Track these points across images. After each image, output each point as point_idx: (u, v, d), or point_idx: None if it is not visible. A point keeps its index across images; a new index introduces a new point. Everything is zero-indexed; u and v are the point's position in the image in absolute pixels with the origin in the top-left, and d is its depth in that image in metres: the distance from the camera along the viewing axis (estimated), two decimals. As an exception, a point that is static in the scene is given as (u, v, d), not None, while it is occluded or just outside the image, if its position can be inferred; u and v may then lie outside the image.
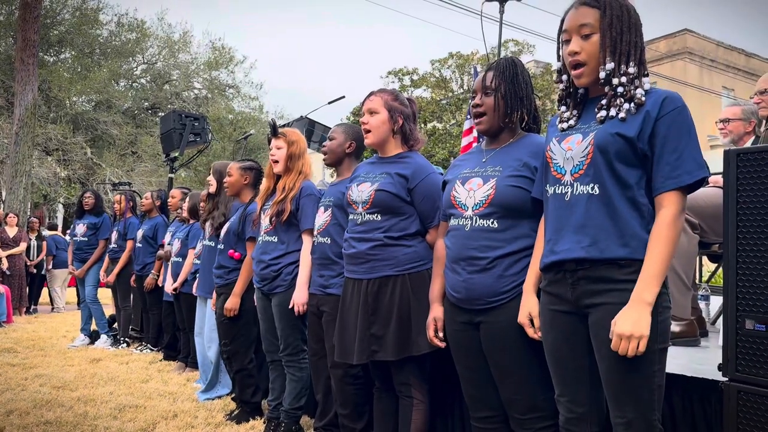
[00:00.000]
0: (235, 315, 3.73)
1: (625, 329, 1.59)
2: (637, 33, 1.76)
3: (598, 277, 1.71)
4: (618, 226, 1.69)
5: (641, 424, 1.65)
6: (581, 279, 1.75)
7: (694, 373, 2.14)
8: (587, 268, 1.73)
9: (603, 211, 1.70)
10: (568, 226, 1.77)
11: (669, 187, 1.65)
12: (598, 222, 1.70)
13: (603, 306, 1.70)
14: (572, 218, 1.76)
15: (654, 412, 1.67)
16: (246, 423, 3.68)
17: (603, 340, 1.70)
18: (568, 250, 1.75)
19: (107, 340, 6.59)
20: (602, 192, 1.71)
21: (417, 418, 2.59)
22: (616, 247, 1.68)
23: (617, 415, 1.69)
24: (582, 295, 1.75)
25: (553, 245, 1.81)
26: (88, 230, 6.75)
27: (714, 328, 3.54)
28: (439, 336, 2.36)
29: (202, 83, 23.80)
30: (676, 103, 1.69)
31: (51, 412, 3.77)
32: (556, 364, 1.86)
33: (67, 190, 19.46)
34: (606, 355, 1.70)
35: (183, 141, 7.59)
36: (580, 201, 1.74)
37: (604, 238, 1.69)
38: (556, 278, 1.82)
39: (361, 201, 2.65)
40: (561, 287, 1.81)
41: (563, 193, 1.80)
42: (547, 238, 1.87)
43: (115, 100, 20.91)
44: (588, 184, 1.73)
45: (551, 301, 1.85)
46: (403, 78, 23.81)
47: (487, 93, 2.21)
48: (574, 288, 1.77)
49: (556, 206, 1.82)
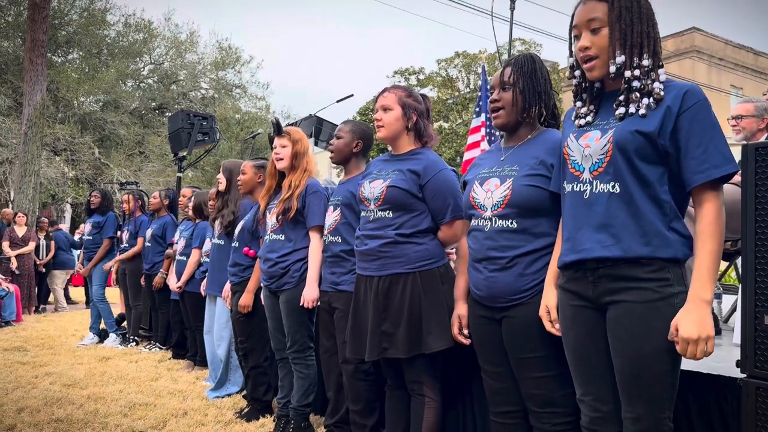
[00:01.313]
0: (250, 312, 3.73)
1: (692, 333, 1.56)
2: (649, 23, 1.73)
3: (620, 275, 1.69)
4: (640, 224, 1.66)
5: (650, 420, 1.65)
6: (602, 277, 1.73)
7: (709, 371, 2.12)
8: (609, 266, 1.71)
9: (624, 210, 1.68)
10: (588, 225, 1.75)
11: (698, 181, 1.62)
12: (620, 221, 1.68)
13: (622, 303, 1.68)
14: (592, 217, 1.74)
15: (664, 410, 1.66)
16: (256, 421, 3.68)
17: (619, 337, 1.69)
18: (590, 249, 1.73)
19: (116, 339, 6.61)
20: (623, 190, 1.69)
21: (429, 416, 2.58)
22: (638, 246, 1.66)
23: (627, 410, 1.69)
24: (603, 293, 1.73)
25: (573, 244, 1.78)
26: (93, 229, 6.78)
27: (727, 326, 3.51)
28: (464, 333, 2.37)
29: (209, 83, 23.86)
30: (698, 96, 1.66)
31: (61, 410, 3.78)
32: (578, 361, 1.83)
33: (75, 190, 19.54)
34: (620, 353, 1.69)
35: (191, 140, 7.61)
36: (601, 199, 1.72)
37: (626, 237, 1.67)
38: (576, 276, 1.80)
39: (373, 198, 2.65)
40: (581, 285, 1.79)
41: (582, 191, 1.77)
42: (565, 236, 1.85)
43: (123, 101, 20.98)
44: (608, 183, 1.71)
45: (571, 298, 1.83)
46: (410, 77, 23.80)
47: (505, 88, 2.20)
48: (595, 286, 1.75)
49: (575, 204, 1.80)
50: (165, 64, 23.04)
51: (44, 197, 18.00)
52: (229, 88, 24.14)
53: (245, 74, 24.11)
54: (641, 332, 1.65)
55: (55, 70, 18.54)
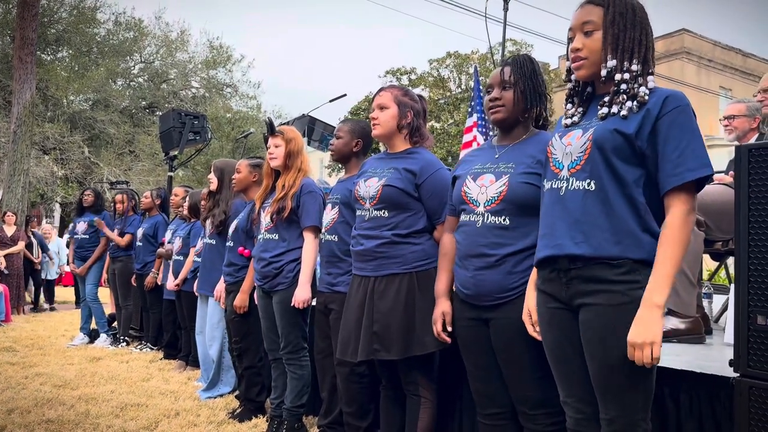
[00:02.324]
0: (245, 312, 3.72)
1: (635, 338, 1.57)
2: (642, 30, 1.75)
3: (591, 277, 1.69)
4: (612, 223, 1.67)
5: (624, 422, 1.66)
6: (574, 278, 1.73)
7: (701, 370, 2.14)
8: (580, 267, 1.71)
9: (599, 208, 1.69)
10: (561, 221, 1.75)
11: (672, 184, 1.63)
12: (593, 218, 1.69)
13: (592, 306, 1.69)
14: (567, 213, 1.74)
15: (638, 412, 1.67)
16: (249, 421, 3.67)
17: (589, 340, 1.70)
18: (561, 246, 1.73)
19: (107, 339, 6.58)
20: (599, 188, 1.69)
21: (424, 416, 2.58)
22: (608, 244, 1.66)
23: (603, 411, 1.70)
24: (575, 295, 1.74)
25: (548, 240, 1.79)
26: (89, 228, 6.73)
27: (718, 326, 3.54)
28: (447, 330, 2.34)
29: (199, 82, 23.76)
30: (678, 101, 1.67)
31: (52, 411, 3.75)
32: (558, 364, 1.84)
33: (65, 189, 19.42)
34: (592, 355, 1.70)
35: (182, 139, 7.58)
36: (576, 196, 1.73)
37: (597, 235, 1.67)
38: (551, 277, 1.81)
39: (369, 196, 2.64)
40: (555, 286, 1.80)
41: (558, 187, 1.78)
42: (541, 233, 1.85)
43: (113, 99, 20.86)
44: (584, 180, 1.72)
45: (547, 300, 1.84)
46: (401, 77, 23.81)
47: (506, 87, 2.20)
48: (568, 287, 1.76)
49: (551, 200, 1.81)
50: (155, 62, 22.93)
51: (33, 196, 17.87)
52: (220, 87, 24.05)
53: (236, 73, 24.05)
54: (611, 335, 1.65)
55: (44, 69, 18.40)
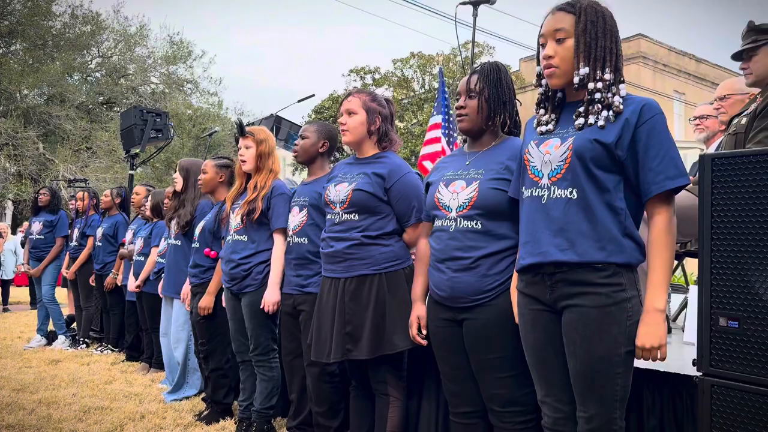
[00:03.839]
0: (211, 314, 3.68)
1: (645, 342, 1.68)
2: (612, 39, 1.81)
3: (576, 280, 1.76)
4: (596, 230, 1.73)
5: (601, 419, 1.73)
6: (559, 282, 1.79)
7: (665, 368, 2.22)
8: (565, 271, 1.77)
9: (581, 215, 1.75)
10: (545, 229, 1.80)
11: (654, 192, 1.71)
12: (576, 226, 1.75)
13: (577, 308, 1.75)
14: (550, 221, 1.79)
15: (615, 410, 1.74)
16: (216, 423, 3.64)
17: (572, 340, 1.76)
18: (546, 253, 1.79)
19: (65, 341, 6.42)
20: (580, 196, 1.75)
21: (393, 415, 2.62)
22: (593, 251, 1.73)
23: (581, 409, 1.76)
24: (559, 297, 1.80)
25: (532, 247, 1.84)
26: (44, 228, 6.56)
27: (676, 325, 3.66)
28: (422, 334, 2.39)
29: (159, 78, 23.33)
30: (654, 110, 1.75)
31: (12, 416, 3.66)
32: (539, 364, 1.89)
33: (18, 186, 18.83)
34: (575, 354, 1.76)
35: (144, 137, 7.43)
36: (558, 204, 1.78)
37: (581, 242, 1.74)
38: (534, 280, 1.86)
39: (339, 201, 2.66)
40: (539, 289, 1.85)
41: (540, 196, 1.83)
42: (523, 240, 1.90)
43: (69, 94, 20.28)
44: (566, 188, 1.77)
45: (530, 302, 1.89)
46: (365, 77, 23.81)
47: (471, 96, 2.25)
48: (553, 290, 1.81)
49: (533, 209, 1.85)
50: (113, 57, 22.40)
51: (-16, 194, 17.30)
52: (181, 84, 23.65)
53: (197, 69, 23.70)
54: (594, 336, 1.72)
55: (-4, 62, 17.83)
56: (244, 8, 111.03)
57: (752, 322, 1.62)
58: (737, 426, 1.63)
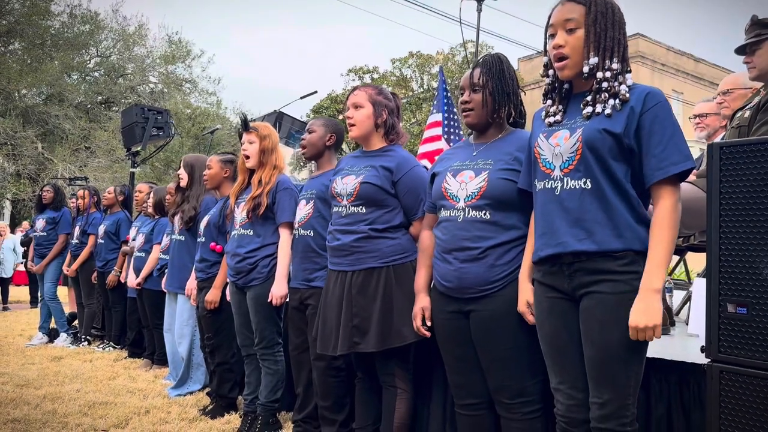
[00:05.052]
0: (217, 308, 3.69)
1: (639, 322, 1.68)
2: (620, 30, 1.83)
3: (595, 268, 1.77)
4: (612, 218, 1.75)
5: (615, 405, 1.74)
6: (578, 271, 1.81)
7: (671, 357, 2.24)
8: (584, 260, 1.79)
9: (597, 205, 1.76)
10: (562, 220, 1.82)
11: (657, 177, 1.73)
12: (593, 215, 1.77)
13: (595, 294, 1.77)
14: (565, 212, 1.81)
15: (629, 396, 1.76)
16: (221, 418, 3.65)
17: (590, 326, 1.78)
18: (565, 244, 1.80)
19: (67, 338, 6.42)
20: (594, 186, 1.77)
21: (401, 407, 2.62)
22: (611, 239, 1.75)
23: (595, 395, 1.78)
24: (578, 286, 1.81)
25: (549, 239, 1.85)
26: (47, 225, 6.57)
27: (679, 318, 3.68)
28: (426, 325, 2.39)
29: (157, 77, 23.32)
30: (658, 98, 1.78)
31: (17, 410, 3.66)
32: (554, 351, 1.90)
33: (16, 185, 18.81)
34: (590, 341, 1.78)
35: (145, 135, 7.44)
36: (573, 195, 1.80)
37: (599, 231, 1.76)
38: (553, 270, 1.87)
39: (346, 193, 2.67)
40: (557, 279, 1.86)
41: (553, 188, 1.85)
42: (539, 232, 1.91)
43: (68, 94, 20.30)
44: (580, 179, 1.79)
45: (547, 291, 1.90)
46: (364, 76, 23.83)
47: (476, 90, 2.25)
48: (571, 279, 1.82)
49: (547, 200, 1.87)
50: (112, 56, 22.41)
51: (-18, 193, 17.28)
52: (179, 83, 23.65)
53: (196, 69, 23.71)
54: (611, 322, 1.74)
55: (-6, 61, 17.81)
56: (243, 8, 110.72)
57: (761, 308, 1.63)
58: (745, 411, 1.65)
